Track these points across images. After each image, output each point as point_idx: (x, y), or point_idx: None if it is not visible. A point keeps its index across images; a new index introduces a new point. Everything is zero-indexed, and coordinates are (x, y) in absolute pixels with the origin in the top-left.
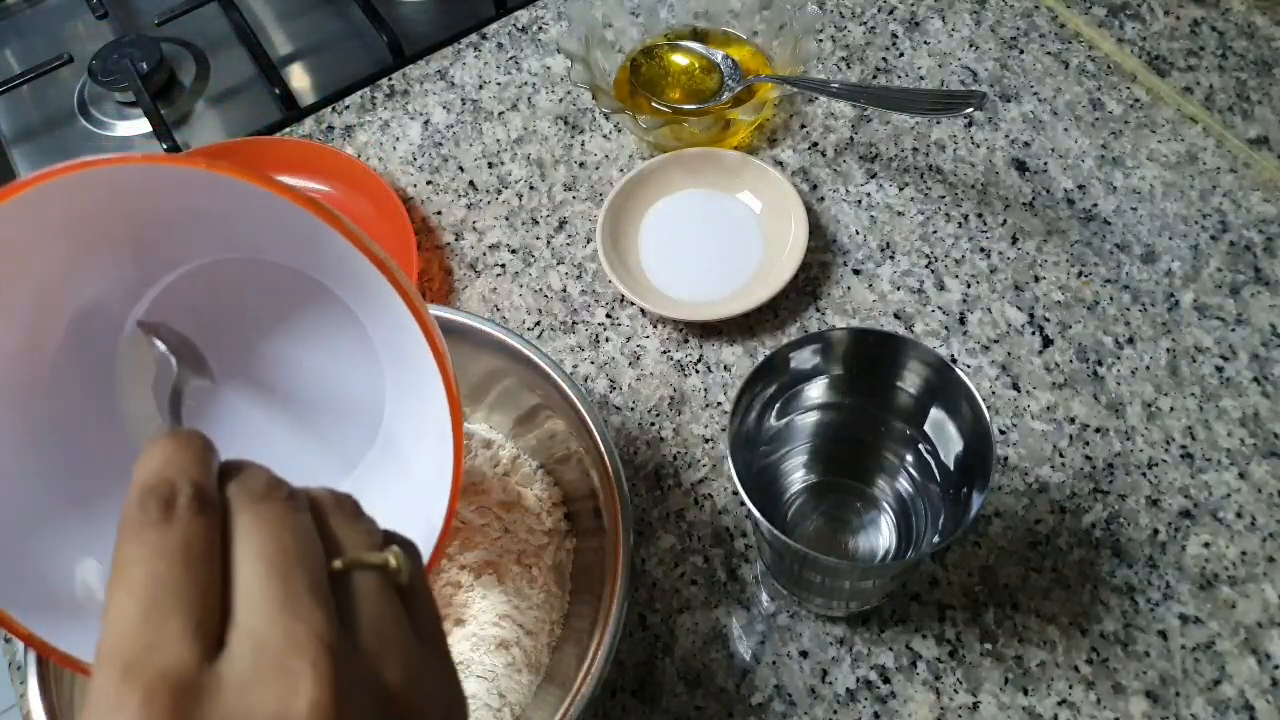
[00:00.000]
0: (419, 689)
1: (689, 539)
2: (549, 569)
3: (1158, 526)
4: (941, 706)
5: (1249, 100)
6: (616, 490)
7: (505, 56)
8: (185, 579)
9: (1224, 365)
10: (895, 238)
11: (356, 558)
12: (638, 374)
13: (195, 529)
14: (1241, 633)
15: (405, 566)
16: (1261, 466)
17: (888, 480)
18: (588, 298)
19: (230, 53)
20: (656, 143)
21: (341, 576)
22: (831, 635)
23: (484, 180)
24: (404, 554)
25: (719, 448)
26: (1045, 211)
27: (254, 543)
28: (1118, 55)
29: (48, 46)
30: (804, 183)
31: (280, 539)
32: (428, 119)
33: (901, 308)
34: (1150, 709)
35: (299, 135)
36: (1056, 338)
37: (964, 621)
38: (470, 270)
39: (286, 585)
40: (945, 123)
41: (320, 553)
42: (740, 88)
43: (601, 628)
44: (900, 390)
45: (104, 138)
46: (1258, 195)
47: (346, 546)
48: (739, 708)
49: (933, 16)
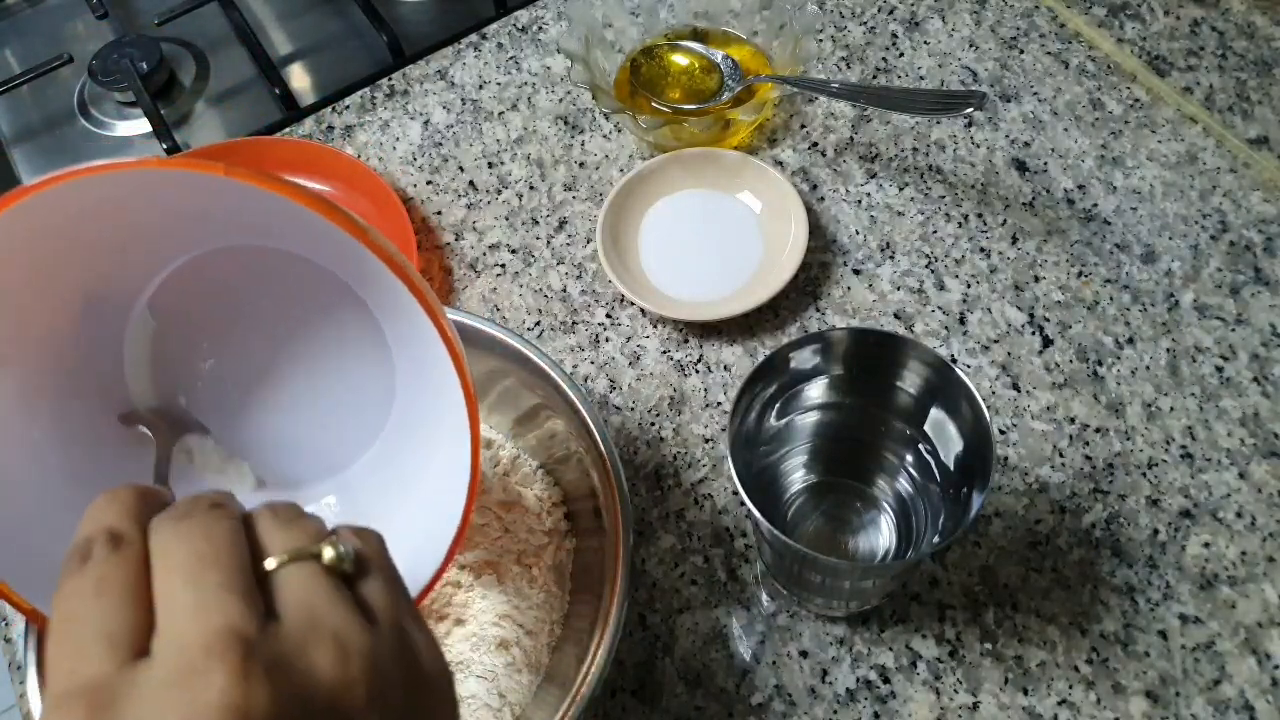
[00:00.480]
0: (363, 673)
1: (689, 539)
2: (549, 569)
3: (1158, 526)
4: (941, 706)
5: (1249, 100)
6: (616, 490)
7: (505, 56)
8: (99, 607)
9: (1224, 365)
10: (895, 238)
11: (290, 552)
12: (638, 374)
13: (109, 565)
14: (1241, 633)
15: (346, 555)
16: (1261, 466)
17: (888, 480)
18: (588, 298)
19: (230, 53)
20: (656, 143)
21: (273, 573)
22: (831, 635)
23: (484, 180)
24: (349, 543)
25: (719, 448)
26: (1045, 211)
27: (170, 557)
28: (1118, 55)
29: (48, 46)
30: (804, 183)
31: (194, 546)
32: (428, 119)
33: (901, 308)
34: (1150, 709)
35: (299, 135)
36: (1056, 338)
37: (964, 621)
38: (470, 270)
39: (200, 586)
40: (945, 123)
41: (242, 552)
42: (740, 88)
43: (601, 628)
44: (900, 390)
45: (104, 138)
46: (1258, 195)
47: (279, 545)
48: (739, 708)
49: (933, 16)
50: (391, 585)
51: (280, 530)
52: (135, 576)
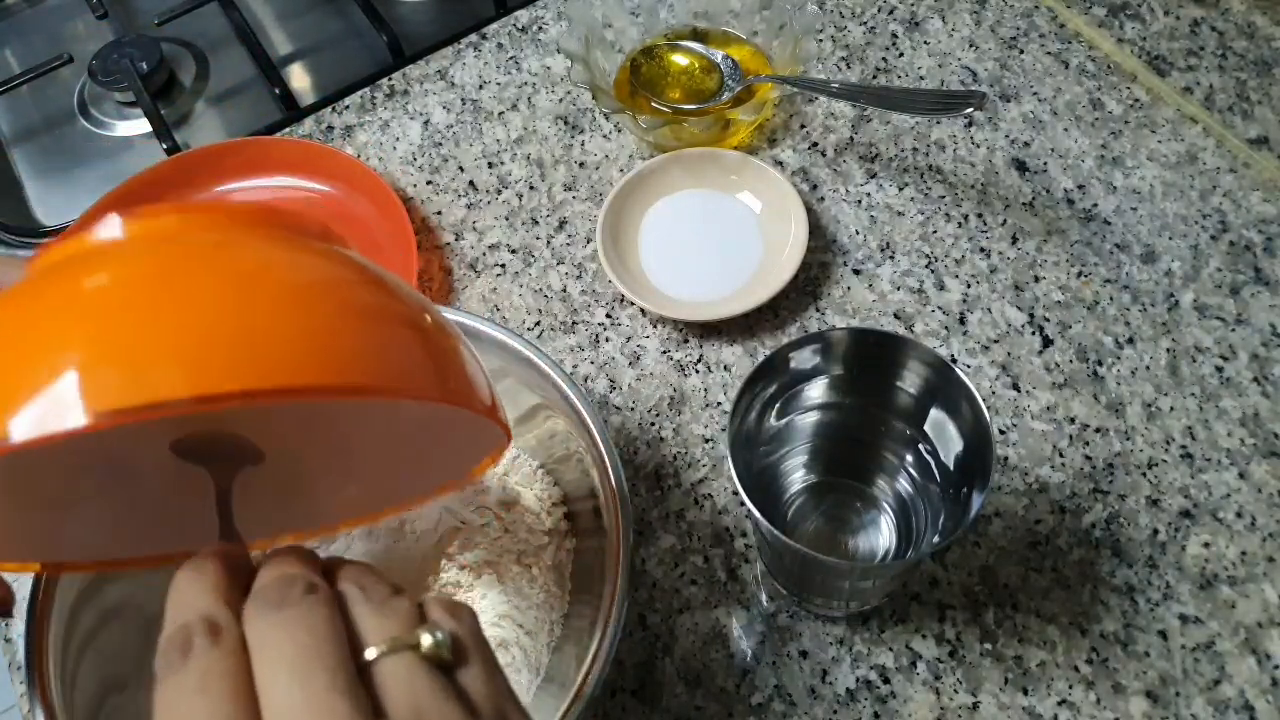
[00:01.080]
0: None
1: (689, 539)
2: (549, 569)
3: (1158, 526)
4: (941, 706)
5: (1249, 100)
6: (616, 490)
7: (505, 56)
8: (205, 705)
9: (1224, 365)
10: (895, 238)
11: (389, 642)
12: (638, 374)
13: (210, 660)
14: (1241, 633)
15: (443, 642)
16: (1261, 466)
17: (888, 480)
18: (588, 298)
19: (230, 53)
20: (656, 143)
21: (374, 665)
22: (831, 635)
23: (484, 180)
24: (446, 626)
25: (719, 448)
26: (1045, 211)
27: (272, 652)
28: (1118, 55)
29: (48, 46)
30: (804, 183)
31: (297, 641)
32: (428, 119)
33: (901, 308)
34: (1150, 709)
35: (299, 135)
36: (1056, 338)
37: (964, 621)
38: (470, 270)
39: (307, 686)
40: (945, 123)
41: (342, 646)
42: (740, 88)
43: (601, 628)
44: (900, 390)
45: (104, 138)
46: (1258, 195)
47: (377, 633)
48: (739, 708)
49: (933, 16)
50: (490, 671)
51: (375, 616)
52: (237, 669)
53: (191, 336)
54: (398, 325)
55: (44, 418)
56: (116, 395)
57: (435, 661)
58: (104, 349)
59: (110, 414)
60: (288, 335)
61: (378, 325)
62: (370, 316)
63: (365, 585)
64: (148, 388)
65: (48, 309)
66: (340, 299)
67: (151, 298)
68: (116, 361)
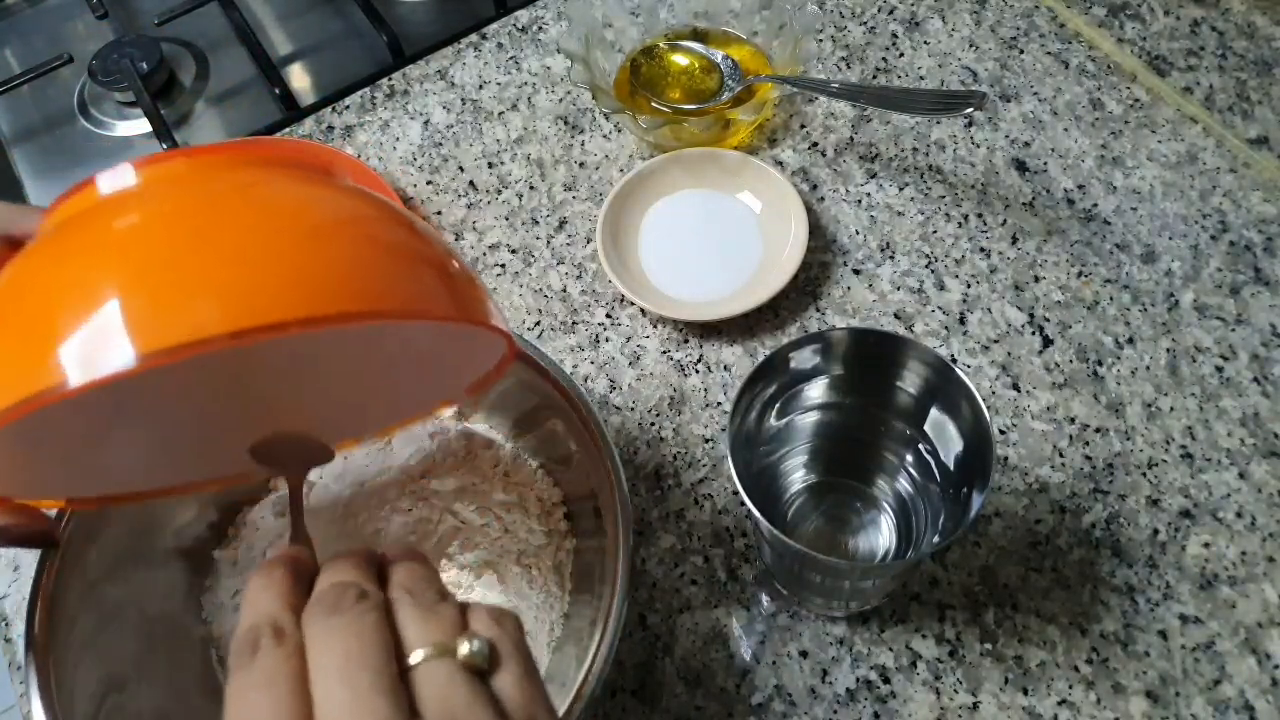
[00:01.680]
0: None
1: (689, 539)
2: (549, 569)
3: (1158, 526)
4: (941, 706)
5: (1249, 100)
6: (616, 490)
7: (505, 56)
8: (269, 698)
9: (1224, 365)
10: (895, 238)
11: (432, 648)
12: (638, 374)
13: (273, 659)
14: (1241, 633)
15: (480, 651)
16: (1261, 466)
17: (888, 480)
18: (588, 298)
19: (230, 53)
20: (656, 143)
21: (415, 669)
22: (831, 635)
23: (484, 180)
24: (486, 633)
25: (719, 448)
26: (1045, 211)
27: (324, 654)
28: (1118, 55)
29: (48, 46)
30: (804, 183)
31: (346, 645)
32: (428, 119)
33: (901, 308)
34: (1150, 709)
35: (299, 135)
36: (1056, 338)
37: (964, 621)
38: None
39: (354, 685)
40: (945, 123)
41: (387, 650)
42: (740, 88)
43: (601, 628)
44: (900, 390)
45: (104, 138)
46: (1258, 195)
47: (421, 638)
48: (739, 708)
49: (933, 16)
50: (526, 678)
51: (421, 621)
52: (296, 667)
53: (228, 271)
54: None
55: (93, 361)
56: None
57: (472, 668)
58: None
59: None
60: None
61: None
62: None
63: (415, 590)
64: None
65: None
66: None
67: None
68: (159, 301)
